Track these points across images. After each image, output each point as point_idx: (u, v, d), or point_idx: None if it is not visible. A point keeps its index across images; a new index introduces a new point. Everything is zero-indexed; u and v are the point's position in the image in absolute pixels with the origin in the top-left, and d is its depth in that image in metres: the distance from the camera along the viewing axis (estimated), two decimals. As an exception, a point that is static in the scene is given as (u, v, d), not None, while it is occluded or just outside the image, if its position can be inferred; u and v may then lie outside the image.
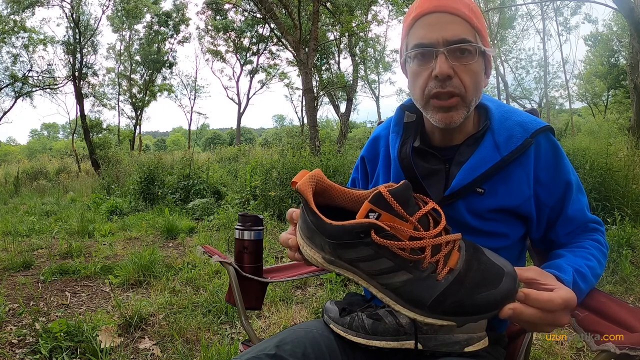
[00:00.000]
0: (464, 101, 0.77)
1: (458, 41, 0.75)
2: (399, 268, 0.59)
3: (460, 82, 0.76)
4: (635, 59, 6.86)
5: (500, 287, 0.59)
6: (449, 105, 0.77)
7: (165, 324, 2.21)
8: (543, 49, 25.33)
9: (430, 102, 0.78)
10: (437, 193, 0.83)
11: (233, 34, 22.05)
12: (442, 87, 0.76)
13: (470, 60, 0.76)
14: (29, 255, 3.55)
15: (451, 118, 0.78)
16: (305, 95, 9.81)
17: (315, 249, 0.66)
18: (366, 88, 25.45)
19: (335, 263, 0.64)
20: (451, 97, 0.76)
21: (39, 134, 60.01)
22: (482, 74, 0.80)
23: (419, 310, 0.60)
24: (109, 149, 15.01)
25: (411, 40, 0.79)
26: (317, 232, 0.64)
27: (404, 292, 0.60)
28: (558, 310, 0.61)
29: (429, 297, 0.59)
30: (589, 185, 3.65)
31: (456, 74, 0.76)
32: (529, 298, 0.60)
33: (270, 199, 5.04)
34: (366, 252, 0.60)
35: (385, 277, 0.60)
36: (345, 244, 0.61)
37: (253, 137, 44.11)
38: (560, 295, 0.61)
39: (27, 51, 16.32)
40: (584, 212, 0.85)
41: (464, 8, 0.77)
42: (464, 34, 0.75)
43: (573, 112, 25.05)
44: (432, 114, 0.79)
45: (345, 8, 12.63)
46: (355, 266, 0.62)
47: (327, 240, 0.62)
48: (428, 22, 0.77)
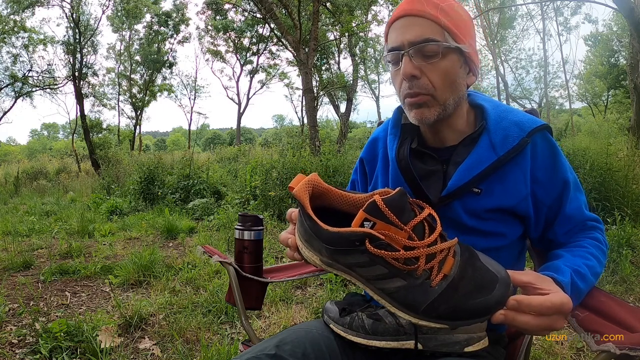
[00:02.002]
0: (435, 99, 0.79)
1: (420, 41, 0.76)
2: (393, 275, 0.61)
3: (428, 82, 0.78)
4: (635, 59, 6.87)
5: (493, 293, 0.60)
6: (419, 102, 0.79)
7: (165, 324, 2.21)
8: (543, 49, 25.42)
9: (405, 100, 0.82)
10: (435, 194, 0.83)
11: (233, 34, 22.05)
12: (410, 88, 0.79)
13: (436, 58, 0.77)
14: (29, 255, 3.55)
15: (422, 114, 0.80)
16: (305, 95, 9.81)
17: (313, 251, 0.67)
18: (366, 88, 25.51)
19: (333, 266, 0.65)
20: (420, 95, 0.79)
21: (39, 134, 60.06)
22: (458, 72, 0.80)
23: (413, 314, 0.61)
24: (109, 149, 15.01)
25: (387, 47, 0.83)
26: (314, 236, 0.65)
27: (398, 297, 0.61)
28: (551, 315, 0.61)
29: (422, 302, 0.60)
30: (589, 185, 3.65)
31: (424, 73, 0.78)
32: (521, 304, 0.61)
33: (270, 199, 5.04)
34: (362, 259, 0.61)
35: (380, 282, 0.62)
36: (342, 250, 0.62)
37: (253, 137, 44.13)
38: (551, 299, 0.61)
39: (27, 51, 16.34)
40: (582, 211, 0.85)
41: (431, 9, 0.77)
42: (427, 34, 0.77)
43: (573, 112, 25.06)
44: (407, 111, 0.83)
45: (345, 8, 12.63)
46: (352, 270, 0.64)
47: (324, 245, 0.63)
48: (397, 27, 0.80)
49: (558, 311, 0.61)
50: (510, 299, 0.61)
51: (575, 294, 0.70)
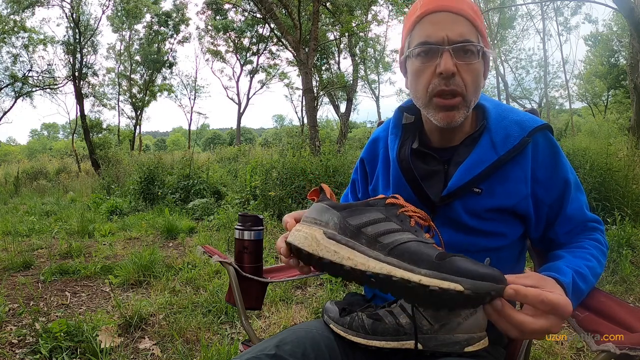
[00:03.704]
0: (465, 101, 0.78)
1: (463, 41, 0.76)
2: (404, 230, 0.66)
3: (462, 81, 0.77)
4: (635, 59, 6.86)
5: (494, 269, 0.60)
6: (452, 105, 0.78)
7: (165, 324, 2.21)
8: (543, 49, 25.40)
9: (433, 100, 0.79)
10: (436, 194, 0.83)
11: (233, 34, 22.04)
12: (446, 85, 0.76)
13: (473, 60, 0.77)
14: (29, 255, 3.55)
15: (452, 117, 0.78)
16: (305, 95, 9.80)
17: (316, 226, 0.70)
18: (366, 88, 25.46)
19: (335, 237, 0.67)
20: (454, 97, 0.77)
21: (39, 134, 60.04)
22: (482, 75, 0.81)
23: (422, 268, 0.59)
24: (109, 149, 15.01)
25: (415, 38, 0.80)
26: (330, 209, 0.71)
27: (406, 249, 0.62)
28: (546, 312, 0.59)
29: (433, 253, 0.61)
30: (589, 185, 3.65)
31: (459, 72, 0.76)
32: (518, 293, 0.58)
33: (270, 199, 5.04)
34: (376, 216, 0.68)
35: (390, 235, 0.64)
36: (359, 209, 0.69)
37: (253, 137, 44.12)
38: (548, 295, 0.59)
39: (27, 51, 16.33)
40: (583, 211, 0.84)
41: (468, 9, 0.78)
42: (468, 34, 0.77)
43: (573, 112, 25.04)
44: (433, 112, 0.80)
45: (345, 8, 12.63)
46: (357, 235, 0.66)
47: (337, 212, 0.69)
48: (433, 21, 0.78)
49: (553, 310, 0.59)
50: (508, 287, 0.58)
51: (576, 294, 0.70)
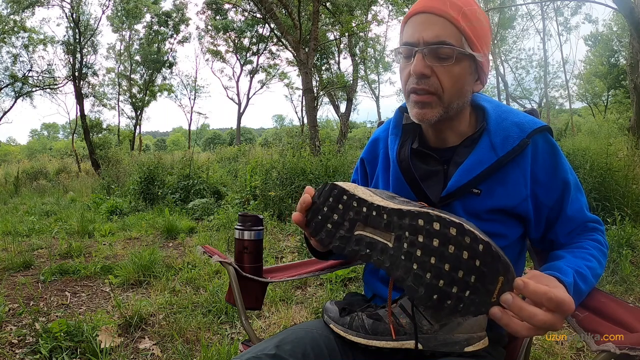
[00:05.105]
0: (440, 100, 0.79)
1: (436, 42, 0.76)
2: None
3: (437, 82, 0.78)
4: (635, 59, 6.86)
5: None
6: (424, 101, 0.79)
7: (165, 324, 2.21)
8: (543, 49, 25.42)
9: (410, 97, 0.81)
10: (435, 194, 0.83)
11: (233, 34, 22.04)
12: (417, 84, 0.78)
13: (449, 62, 0.76)
14: (29, 255, 3.55)
15: (424, 115, 0.80)
16: (305, 95, 9.81)
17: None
18: (366, 88, 25.51)
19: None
20: (427, 94, 0.78)
21: (39, 134, 60.04)
22: (467, 78, 0.80)
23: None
24: (109, 149, 14.99)
25: (401, 39, 0.83)
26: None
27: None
28: (552, 309, 0.57)
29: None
30: (589, 185, 3.64)
31: (435, 73, 0.77)
32: (527, 286, 0.57)
33: (270, 199, 5.03)
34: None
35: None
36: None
37: (253, 137, 44.11)
38: (555, 292, 0.57)
39: (27, 51, 16.33)
40: (583, 212, 0.85)
41: (453, 11, 0.76)
42: (444, 36, 0.76)
43: (573, 112, 25.04)
44: (410, 108, 0.82)
45: (345, 8, 12.64)
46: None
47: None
48: (416, 22, 0.79)
49: (559, 307, 0.57)
50: (517, 279, 0.57)
51: (577, 294, 0.70)
